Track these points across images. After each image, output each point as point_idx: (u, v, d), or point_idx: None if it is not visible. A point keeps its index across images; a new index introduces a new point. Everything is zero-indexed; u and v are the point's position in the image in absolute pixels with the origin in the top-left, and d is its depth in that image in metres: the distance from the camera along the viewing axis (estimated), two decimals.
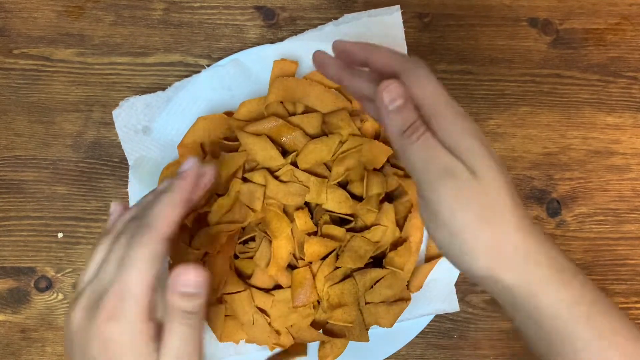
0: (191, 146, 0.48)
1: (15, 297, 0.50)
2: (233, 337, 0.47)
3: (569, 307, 0.30)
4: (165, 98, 0.50)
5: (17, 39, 0.52)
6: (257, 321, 0.46)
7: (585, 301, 0.30)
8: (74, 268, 0.51)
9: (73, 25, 0.52)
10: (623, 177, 0.52)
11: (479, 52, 0.52)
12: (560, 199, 0.52)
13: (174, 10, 0.52)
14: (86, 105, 0.52)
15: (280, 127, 0.47)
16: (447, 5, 0.53)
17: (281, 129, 0.47)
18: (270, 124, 0.47)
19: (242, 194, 0.46)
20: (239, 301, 0.46)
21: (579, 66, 0.53)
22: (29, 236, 0.51)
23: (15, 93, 0.52)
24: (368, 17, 0.49)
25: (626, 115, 0.52)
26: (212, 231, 0.46)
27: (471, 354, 0.51)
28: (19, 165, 0.51)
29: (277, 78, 0.48)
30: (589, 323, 0.30)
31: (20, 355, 0.50)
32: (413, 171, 0.30)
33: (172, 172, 0.48)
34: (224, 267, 0.47)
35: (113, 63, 0.52)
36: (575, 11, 0.53)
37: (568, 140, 0.52)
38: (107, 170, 0.51)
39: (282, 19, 0.52)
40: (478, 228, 0.29)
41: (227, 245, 0.47)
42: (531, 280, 0.30)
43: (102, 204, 0.51)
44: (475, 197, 0.29)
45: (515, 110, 0.52)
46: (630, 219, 0.52)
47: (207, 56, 0.52)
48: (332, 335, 0.48)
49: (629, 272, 0.52)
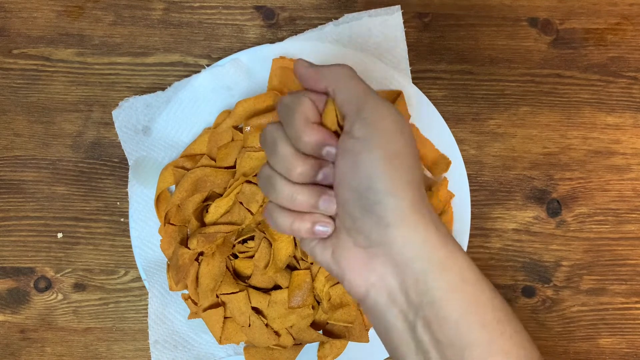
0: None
1: (14, 297, 0.50)
2: (233, 338, 0.47)
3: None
4: (165, 98, 0.50)
5: (16, 39, 0.52)
6: (253, 322, 0.46)
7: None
8: (73, 268, 0.51)
9: (73, 25, 0.52)
10: (623, 177, 0.52)
11: (479, 52, 0.52)
12: (560, 199, 0.52)
13: (174, 10, 0.52)
14: (86, 105, 0.52)
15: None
16: (447, 5, 0.53)
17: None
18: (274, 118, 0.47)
19: (242, 193, 0.46)
20: (236, 302, 0.46)
21: (579, 66, 0.53)
22: (29, 236, 0.51)
23: (14, 93, 0.52)
24: (368, 17, 0.49)
25: (626, 115, 0.52)
26: (208, 231, 0.46)
27: None
28: (18, 165, 0.51)
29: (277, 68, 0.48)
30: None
31: (19, 355, 0.50)
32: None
33: (172, 172, 0.48)
34: (220, 267, 0.46)
35: (113, 63, 0.52)
36: (575, 11, 0.53)
37: (568, 140, 0.52)
38: (107, 170, 0.51)
39: (282, 19, 0.52)
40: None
41: (224, 245, 0.47)
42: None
43: (102, 204, 0.51)
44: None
45: (515, 110, 0.52)
46: (630, 219, 0.52)
47: (207, 56, 0.52)
48: (332, 335, 0.48)
49: (629, 272, 0.52)
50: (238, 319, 0.46)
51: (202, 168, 0.47)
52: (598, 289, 0.52)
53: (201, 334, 0.48)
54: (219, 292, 0.46)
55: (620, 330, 0.51)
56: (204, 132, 0.49)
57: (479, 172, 0.52)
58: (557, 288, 0.51)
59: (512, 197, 0.52)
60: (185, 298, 0.48)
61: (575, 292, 0.51)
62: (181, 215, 0.48)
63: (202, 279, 0.46)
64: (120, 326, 0.51)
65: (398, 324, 0.29)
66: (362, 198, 0.29)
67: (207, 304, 0.47)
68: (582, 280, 0.52)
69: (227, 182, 0.47)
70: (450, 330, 0.28)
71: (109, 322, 0.51)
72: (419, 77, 0.52)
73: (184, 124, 0.49)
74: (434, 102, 0.49)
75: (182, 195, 0.47)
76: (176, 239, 0.48)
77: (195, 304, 0.48)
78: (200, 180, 0.47)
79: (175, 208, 0.48)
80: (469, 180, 0.49)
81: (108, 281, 0.51)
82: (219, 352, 0.48)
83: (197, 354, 0.48)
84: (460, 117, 0.52)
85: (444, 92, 0.52)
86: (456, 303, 0.28)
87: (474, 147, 0.52)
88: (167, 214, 0.48)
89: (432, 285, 0.28)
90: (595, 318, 0.52)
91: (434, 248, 0.29)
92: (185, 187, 0.47)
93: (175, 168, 0.48)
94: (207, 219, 0.47)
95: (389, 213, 0.28)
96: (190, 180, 0.47)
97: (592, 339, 0.51)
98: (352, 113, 0.30)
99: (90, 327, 0.50)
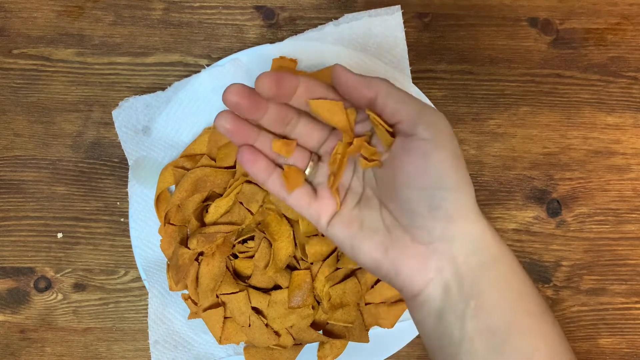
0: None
1: (14, 297, 0.50)
2: (233, 338, 0.47)
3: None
4: (165, 98, 0.49)
5: (16, 39, 0.52)
6: (253, 322, 0.46)
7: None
8: (73, 268, 0.51)
9: (73, 25, 0.52)
10: (623, 177, 0.52)
11: (479, 52, 0.52)
12: (560, 199, 0.52)
13: (174, 10, 0.52)
14: (86, 105, 0.52)
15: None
16: (447, 5, 0.53)
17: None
18: None
19: (242, 193, 0.46)
20: (236, 302, 0.46)
21: (579, 66, 0.53)
22: (29, 236, 0.51)
23: (14, 93, 0.52)
24: (368, 17, 0.49)
25: (626, 115, 0.52)
26: (208, 231, 0.46)
27: None
28: (18, 165, 0.51)
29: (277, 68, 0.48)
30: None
31: (19, 355, 0.50)
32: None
33: (172, 172, 0.48)
34: (220, 267, 0.46)
35: (113, 63, 0.52)
36: (575, 11, 0.53)
37: (568, 140, 0.52)
38: (106, 170, 0.51)
39: (282, 19, 0.52)
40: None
41: (224, 245, 0.47)
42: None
43: (102, 204, 0.51)
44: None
45: (515, 110, 0.52)
46: (630, 219, 0.52)
47: (207, 56, 0.52)
48: (332, 335, 0.48)
49: (629, 272, 0.52)
50: (238, 319, 0.46)
51: (202, 168, 0.47)
52: (598, 289, 0.52)
53: (201, 334, 0.48)
54: (219, 292, 0.46)
55: (620, 330, 0.51)
56: (204, 132, 0.49)
57: (479, 172, 0.52)
58: (557, 288, 0.51)
59: (512, 197, 0.52)
60: (185, 298, 0.48)
61: (575, 292, 0.51)
62: (181, 215, 0.48)
63: (202, 279, 0.46)
64: (120, 326, 0.51)
65: (449, 315, 0.30)
66: (431, 196, 0.29)
67: (207, 304, 0.47)
68: (582, 280, 0.52)
69: (227, 182, 0.47)
70: (499, 317, 0.29)
71: (109, 322, 0.51)
72: (419, 77, 0.52)
73: (184, 124, 0.49)
74: (434, 102, 0.49)
75: (182, 195, 0.47)
76: (176, 239, 0.48)
77: (195, 304, 0.48)
78: (200, 180, 0.47)
79: (175, 208, 0.48)
80: None
81: (108, 281, 0.51)
82: (219, 352, 0.48)
83: (197, 354, 0.48)
84: (460, 117, 0.52)
85: (444, 92, 0.52)
86: (505, 293, 0.29)
87: (474, 147, 0.52)
88: (167, 214, 0.48)
89: (486, 275, 0.30)
90: (595, 318, 0.52)
91: (490, 241, 0.30)
92: (185, 187, 0.47)
93: (175, 168, 0.48)
94: (207, 219, 0.47)
95: (456, 209, 0.29)
96: (190, 180, 0.47)
97: (592, 339, 0.51)
98: (411, 117, 0.30)
99: (90, 327, 0.50)
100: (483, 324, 0.29)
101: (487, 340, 0.29)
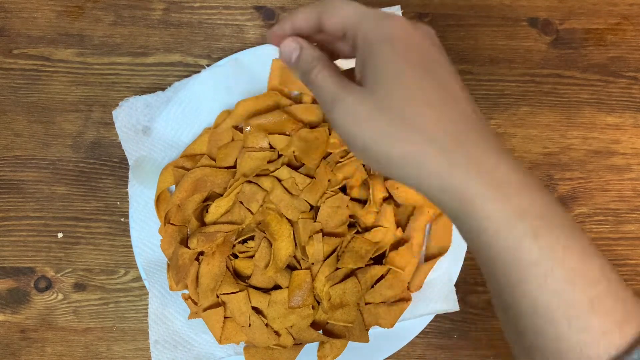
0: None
1: (14, 297, 0.50)
2: (233, 338, 0.47)
3: (509, 221, 0.25)
4: (165, 98, 0.50)
5: (17, 39, 0.52)
6: (253, 322, 0.46)
7: (531, 214, 0.25)
8: (73, 268, 0.51)
9: (73, 25, 0.52)
10: (623, 177, 0.52)
11: (479, 52, 0.52)
12: (560, 199, 0.52)
13: (174, 10, 0.52)
14: (86, 105, 0.52)
15: (284, 122, 0.47)
16: (447, 5, 0.53)
17: (285, 123, 0.47)
18: (274, 118, 0.47)
19: (242, 193, 0.46)
20: (236, 302, 0.46)
21: (579, 66, 0.53)
22: (29, 236, 0.51)
23: (15, 93, 0.52)
24: None
25: (626, 115, 0.52)
26: (208, 231, 0.46)
27: (471, 354, 0.51)
28: (18, 165, 0.51)
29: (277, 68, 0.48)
30: (536, 241, 0.25)
31: (20, 355, 0.50)
32: (322, 104, 0.29)
33: (172, 172, 0.48)
34: (220, 267, 0.47)
35: (113, 63, 0.52)
36: (575, 11, 0.53)
37: (568, 140, 0.52)
38: (107, 170, 0.51)
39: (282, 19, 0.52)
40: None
41: (224, 245, 0.47)
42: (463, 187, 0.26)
43: (102, 204, 0.51)
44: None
45: (515, 110, 0.52)
46: (630, 219, 0.52)
47: (207, 56, 0.52)
48: (332, 335, 0.48)
49: (629, 272, 0.52)
50: (238, 319, 0.46)
51: (202, 168, 0.47)
52: None
53: (201, 334, 0.48)
54: (219, 292, 0.46)
55: None
56: (204, 132, 0.49)
57: None
58: None
59: None
60: (185, 298, 0.48)
61: None
62: (181, 215, 0.48)
63: (202, 278, 0.46)
64: (121, 326, 0.51)
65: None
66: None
67: (207, 304, 0.47)
68: None
69: (227, 182, 0.47)
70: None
71: (109, 322, 0.51)
72: None
73: (184, 124, 0.49)
74: None
75: (182, 195, 0.47)
76: (176, 239, 0.48)
77: (195, 303, 0.48)
78: (200, 180, 0.47)
79: (175, 208, 0.48)
80: None
81: (108, 281, 0.51)
82: (219, 352, 0.48)
83: (197, 354, 0.48)
84: None
85: None
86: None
87: None
88: (167, 214, 0.48)
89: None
90: None
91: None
92: (185, 187, 0.47)
93: (175, 168, 0.48)
94: (207, 218, 0.47)
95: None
96: (190, 180, 0.47)
97: None
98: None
99: (91, 327, 0.50)
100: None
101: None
